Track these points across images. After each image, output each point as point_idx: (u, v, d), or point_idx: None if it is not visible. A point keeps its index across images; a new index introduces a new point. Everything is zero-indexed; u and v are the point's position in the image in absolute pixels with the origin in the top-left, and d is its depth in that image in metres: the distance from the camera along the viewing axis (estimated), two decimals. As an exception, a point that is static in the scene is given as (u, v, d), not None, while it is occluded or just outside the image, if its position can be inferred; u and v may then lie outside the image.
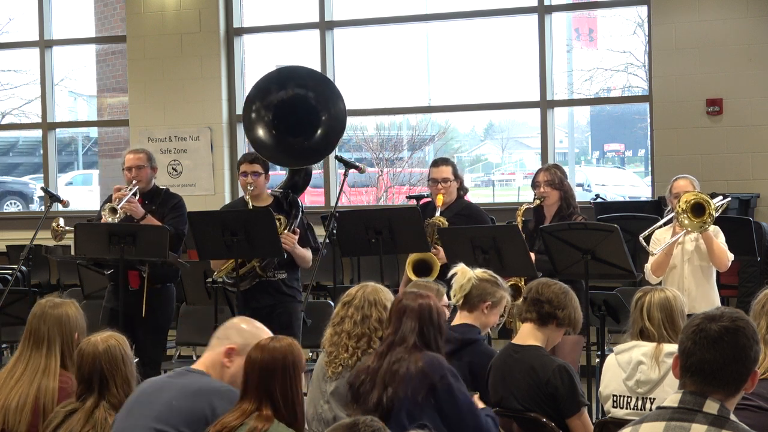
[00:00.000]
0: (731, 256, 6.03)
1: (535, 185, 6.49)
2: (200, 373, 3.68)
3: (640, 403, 4.30)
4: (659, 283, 5.94)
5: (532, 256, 6.07)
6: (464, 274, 4.68)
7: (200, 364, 3.75)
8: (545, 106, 9.96)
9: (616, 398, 4.39)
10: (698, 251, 6.05)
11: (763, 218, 8.75)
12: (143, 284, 6.59)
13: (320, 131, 6.58)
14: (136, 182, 6.75)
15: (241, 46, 10.94)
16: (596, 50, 13.20)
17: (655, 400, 4.23)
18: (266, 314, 6.00)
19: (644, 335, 4.34)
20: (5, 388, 4.07)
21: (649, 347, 4.30)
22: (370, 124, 14.29)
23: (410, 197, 8.66)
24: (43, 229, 7.43)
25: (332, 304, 6.24)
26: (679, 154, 9.24)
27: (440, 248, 6.35)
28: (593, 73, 12.70)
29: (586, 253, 5.78)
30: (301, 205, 6.53)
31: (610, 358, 4.49)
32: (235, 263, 6.31)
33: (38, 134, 12.27)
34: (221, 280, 6.47)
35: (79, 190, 16.24)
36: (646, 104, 9.86)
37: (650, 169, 9.84)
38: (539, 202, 6.43)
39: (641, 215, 8.38)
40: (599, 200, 9.73)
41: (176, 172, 10.81)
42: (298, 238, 6.38)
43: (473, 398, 4.11)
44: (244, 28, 10.93)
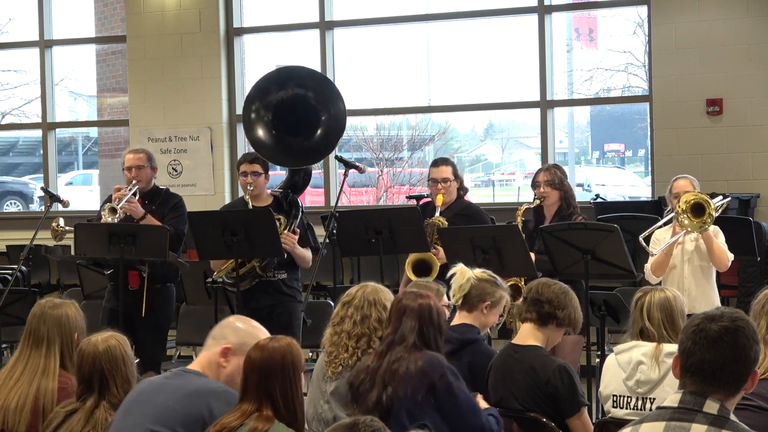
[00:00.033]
0: (731, 256, 6.02)
1: (535, 185, 6.49)
2: (197, 373, 3.67)
3: (640, 403, 4.30)
4: (659, 283, 5.94)
5: (532, 256, 6.07)
6: (463, 274, 4.68)
7: (196, 364, 3.74)
8: (545, 106, 9.96)
9: (616, 398, 4.39)
10: (698, 251, 6.05)
11: (763, 218, 8.74)
12: (143, 284, 6.59)
13: (320, 131, 6.58)
14: (136, 182, 6.75)
15: (241, 46, 10.93)
16: (596, 50, 13.20)
17: (655, 400, 4.23)
18: (266, 314, 6.01)
19: (644, 335, 4.34)
20: (5, 388, 4.07)
21: (649, 347, 4.30)
22: (370, 124, 14.29)
23: (410, 197, 8.65)
24: (43, 229, 7.43)
25: (332, 304, 6.24)
26: (679, 154, 9.24)
27: (440, 248, 6.35)
28: (593, 73, 12.70)
29: (586, 253, 5.78)
30: (301, 205, 6.52)
31: (610, 358, 4.48)
32: (235, 263, 6.31)
33: (38, 134, 12.26)
34: (221, 280, 6.47)
35: (79, 190, 16.23)
36: (646, 104, 9.85)
37: (650, 169, 9.83)
38: (539, 202, 6.43)
39: (641, 215, 8.38)
40: (599, 200, 9.72)
41: (176, 172, 10.81)
42: (298, 238, 6.37)
43: (477, 399, 4.11)
44: (244, 28, 10.92)
